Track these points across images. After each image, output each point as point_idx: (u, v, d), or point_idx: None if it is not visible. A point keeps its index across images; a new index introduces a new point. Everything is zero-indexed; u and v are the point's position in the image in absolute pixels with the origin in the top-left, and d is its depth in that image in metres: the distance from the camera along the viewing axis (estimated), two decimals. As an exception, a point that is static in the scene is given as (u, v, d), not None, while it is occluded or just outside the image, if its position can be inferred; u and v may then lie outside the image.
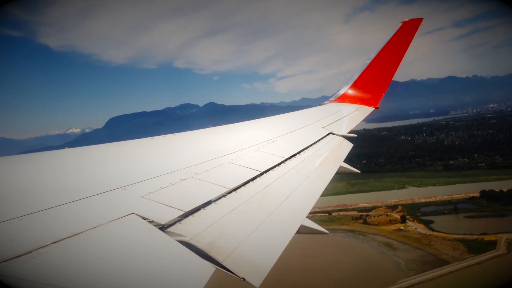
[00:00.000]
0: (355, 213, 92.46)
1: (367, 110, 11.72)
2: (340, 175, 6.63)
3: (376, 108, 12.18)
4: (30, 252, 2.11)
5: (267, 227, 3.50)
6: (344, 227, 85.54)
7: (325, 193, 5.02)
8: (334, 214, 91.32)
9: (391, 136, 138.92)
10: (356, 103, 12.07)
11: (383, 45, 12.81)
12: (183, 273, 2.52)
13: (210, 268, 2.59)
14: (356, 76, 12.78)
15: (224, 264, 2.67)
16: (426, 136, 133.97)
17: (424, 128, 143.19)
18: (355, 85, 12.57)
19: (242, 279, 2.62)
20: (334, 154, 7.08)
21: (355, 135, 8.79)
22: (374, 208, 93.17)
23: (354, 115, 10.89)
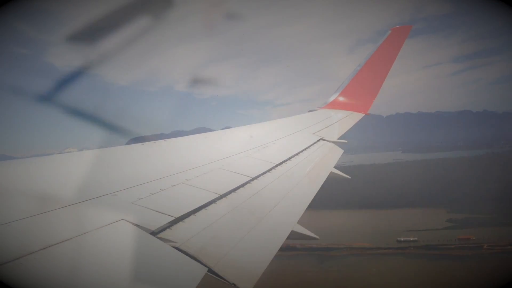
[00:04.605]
0: None
1: (357, 116, 11.81)
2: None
3: (366, 114, 12.26)
4: (18, 258, 2.08)
5: (258, 233, 3.51)
6: None
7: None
8: None
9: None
10: (347, 110, 12.15)
11: (373, 52, 12.94)
12: (174, 277, 2.51)
13: (200, 271, 2.58)
14: (346, 83, 12.87)
15: (215, 269, 2.67)
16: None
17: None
18: (346, 92, 12.65)
19: (233, 285, 2.62)
20: (325, 160, 7.13)
21: (346, 141, 8.85)
22: None
23: (345, 121, 10.97)
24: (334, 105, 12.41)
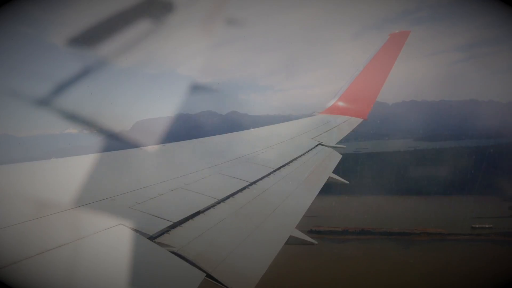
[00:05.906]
0: None
1: (356, 121, 11.85)
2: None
3: (365, 119, 12.30)
4: (14, 263, 2.07)
5: (256, 238, 3.50)
6: None
7: None
8: None
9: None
10: (345, 115, 12.19)
11: (372, 57, 13.00)
12: (172, 282, 2.50)
13: (198, 276, 2.57)
14: (345, 88, 12.92)
15: (213, 274, 2.66)
16: None
17: None
18: (344, 97, 12.70)
19: None
20: (323, 165, 7.13)
21: (344, 146, 8.87)
22: None
23: (343, 127, 11.00)
24: (332, 110, 12.46)
